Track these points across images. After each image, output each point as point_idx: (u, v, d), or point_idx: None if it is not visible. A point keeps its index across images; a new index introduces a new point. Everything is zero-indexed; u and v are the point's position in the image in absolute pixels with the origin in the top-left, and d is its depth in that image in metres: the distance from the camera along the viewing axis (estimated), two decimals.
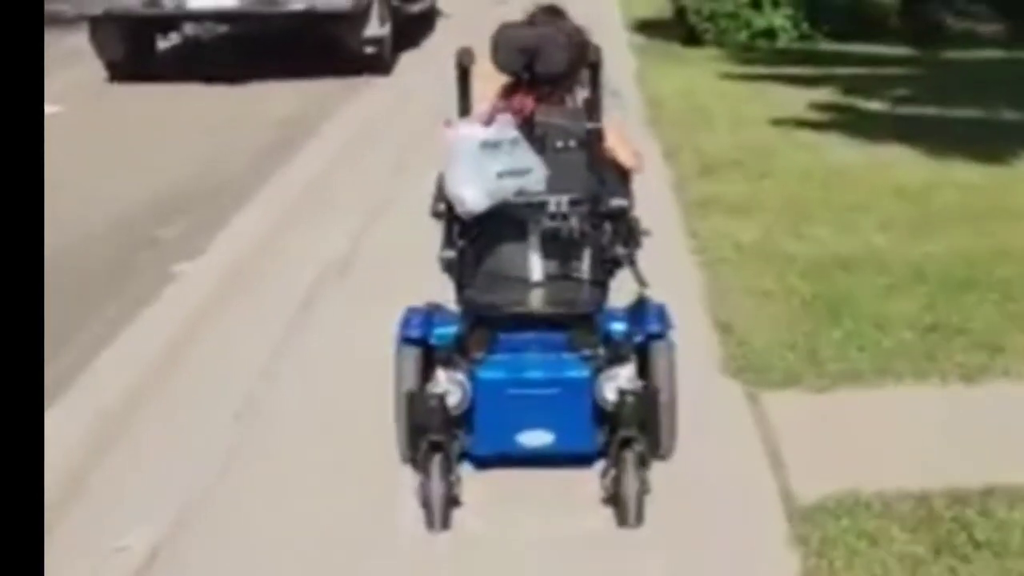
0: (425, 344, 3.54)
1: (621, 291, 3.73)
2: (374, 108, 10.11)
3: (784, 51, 11.75)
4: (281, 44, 12.23)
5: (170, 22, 11.36)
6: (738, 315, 5.03)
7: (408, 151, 8.23)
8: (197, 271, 6.02)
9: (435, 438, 3.37)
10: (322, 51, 11.53)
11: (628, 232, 3.54)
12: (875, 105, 9.03)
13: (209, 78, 11.29)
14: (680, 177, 7.23)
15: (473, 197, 3.38)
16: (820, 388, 4.40)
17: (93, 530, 3.63)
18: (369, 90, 10.91)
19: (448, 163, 3.42)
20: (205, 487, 3.83)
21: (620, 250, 3.50)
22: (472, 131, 3.41)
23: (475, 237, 3.52)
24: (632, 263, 3.53)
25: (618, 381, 3.45)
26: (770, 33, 12.03)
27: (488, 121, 3.43)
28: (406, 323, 3.58)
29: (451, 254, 3.52)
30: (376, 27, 11.27)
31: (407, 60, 12.44)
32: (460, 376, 3.45)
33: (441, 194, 3.49)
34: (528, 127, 3.47)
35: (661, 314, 3.61)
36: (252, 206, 7.04)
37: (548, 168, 3.43)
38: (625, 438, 3.37)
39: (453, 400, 3.43)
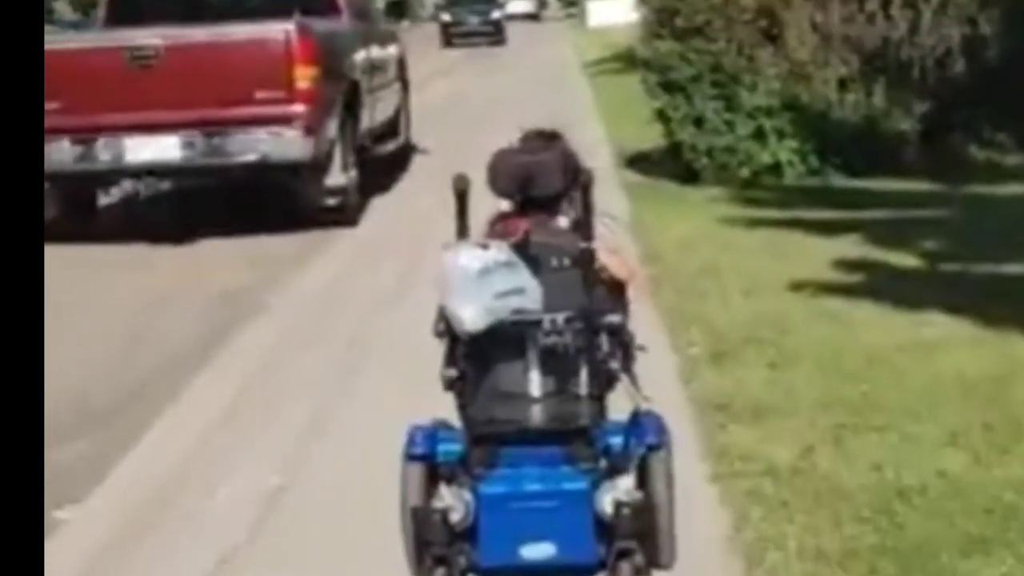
0: (429, 460, 3.61)
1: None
2: (334, 271, 8.94)
3: (792, 189, 10.60)
4: (233, 196, 11.10)
5: (106, 178, 10.19)
6: None
7: (369, 333, 7.03)
8: (84, 519, 4.76)
9: (438, 552, 3.47)
10: (278, 203, 10.39)
11: (623, 347, 3.64)
12: (908, 260, 7.81)
13: (154, 238, 10.16)
14: (688, 363, 6.02)
15: (471, 317, 3.46)
16: None
17: None
18: (330, 247, 9.75)
19: (446, 285, 3.49)
20: None
21: (615, 365, 3.58)
22: (470, 254, 3.52)
23: (475, 356, 3.59)
24: (629, 377, 3.63)
25: (615, 493, 3.50)
26: (776, 168, 10.90)
27: (484, 244, 3.55)
28: (411, 440, 3.64)
29: (453, 373, 3.59)
30: (338, 176, 10.13)
31: (377, 206, 11.31)
32: (463, 491, 3.54)
33: (442, 313, 3.57)
34: (523, 248, 3.59)
35: (658, 426, 3.64)
36: (166, 421, 5.80)
37: (544, 287, 3.55)
38: (622, 549, 3.45)
39: (456, 516, 3.50)
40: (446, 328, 3.56)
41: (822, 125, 10.90)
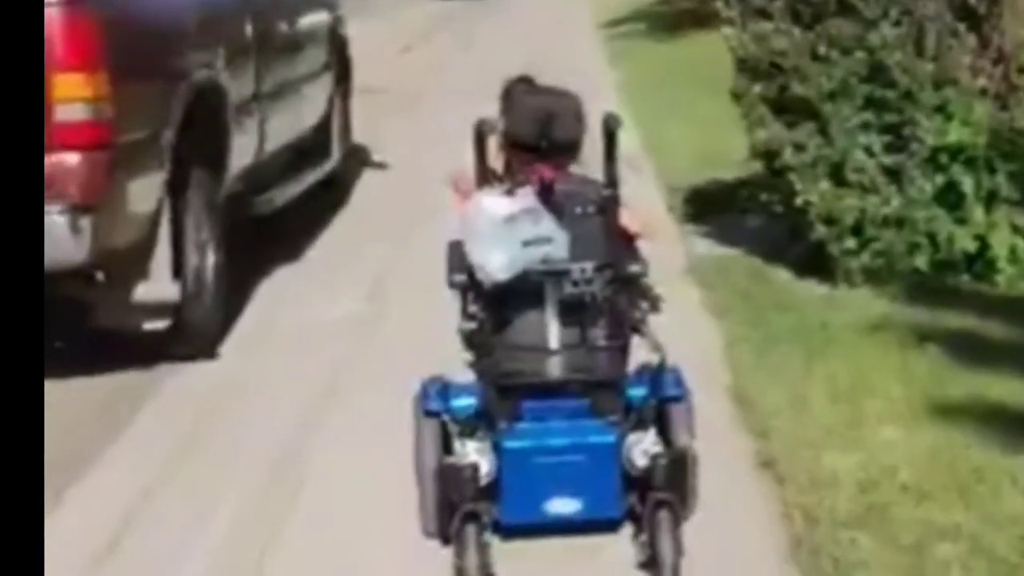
0: (444, 415, 3.56)
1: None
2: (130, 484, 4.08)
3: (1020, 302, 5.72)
4: None
5: None
6: None
7: None
8: None
9: (470, 508, 3.39)
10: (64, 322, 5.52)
11: (643, 296, 3.54)
12: None
13: None
14: None
15: (499, 266, 3.38)
16: None
17: None
18: (145, 424, 4.92)
19: (470, 233, 3.41)
20: None
21: (637, 315, 3.50)
22: (494, 202, 3.43)
23: (493, 306, 3.49)
24: (646, 328, 3.51)
25: (644, 445, 3.47)
26: (978, 259, 5.97)
27: (509, 191, 3.46)
28: (424, 395, 3.60)
29: (471, 326, 3.50)
30: (163, 282, 5.23)
31: (271, 292, 6.47)
32: (486, 446, 3.47)
33: (458, 264, 3.48)
34: (547, 195, 3.50)
35: (677, 378, 3.62)
36: None
37: (568, 235, 3.47)
38: (659, 500, 3.39)
39: (484, 469, 3.43)
40: (468, 278, 3.44)
41: None
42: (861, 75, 5.98)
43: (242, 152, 6.38)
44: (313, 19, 8.38)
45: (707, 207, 7.82)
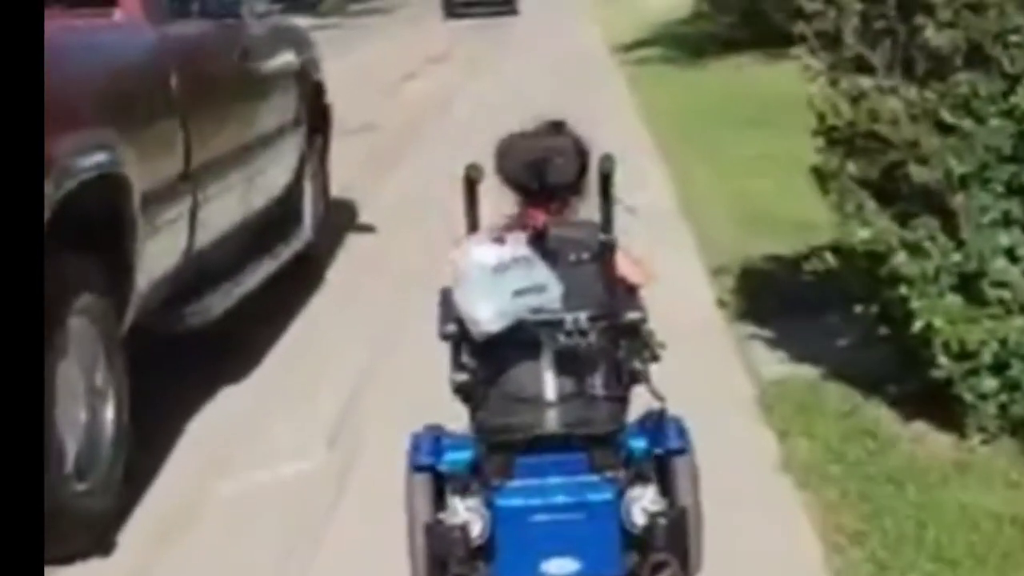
0: (437, 470, 3.37)
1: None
2: None
3: None
4: None
5: None
6: None
7: None
8: None
9: (458, 571, 3.25)
10: None
11: (643, 346, 3.35)
12: None
13: None
14: None
15: (488, 317, 3.23)
16: None
17: None
18: None
19: (459, 283, 3.28)
20: None
21: (637, 365, 3.33)
22: (484, 250, 3.30)
23: (486, 357, 3.33)
24: (647, 378, 3.32)
25: (644, 502, 3.29)
26: None
27: (499, 238, 3.33)
28: (416, 449, 3.41)
29: (463, 377, 3.34)
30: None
31: (197, 442, 4.87)
32: (478, 504, 3.28)
33: (449, 314, 3.33)
34: (540, 241, 3.38)
35: (680, 428, 3.41)
36: None
37: (562, 283, 3.33)
38: (658, 562, 3.25)
39: (475, 530, 3.25)
40: (458, 329, 3.29)
41: None
42: (1002, 152, 4.35)
43: (160, 255, 4.77)
44: (275, 63, 6.79)
45: (769, 300, 6.18)
